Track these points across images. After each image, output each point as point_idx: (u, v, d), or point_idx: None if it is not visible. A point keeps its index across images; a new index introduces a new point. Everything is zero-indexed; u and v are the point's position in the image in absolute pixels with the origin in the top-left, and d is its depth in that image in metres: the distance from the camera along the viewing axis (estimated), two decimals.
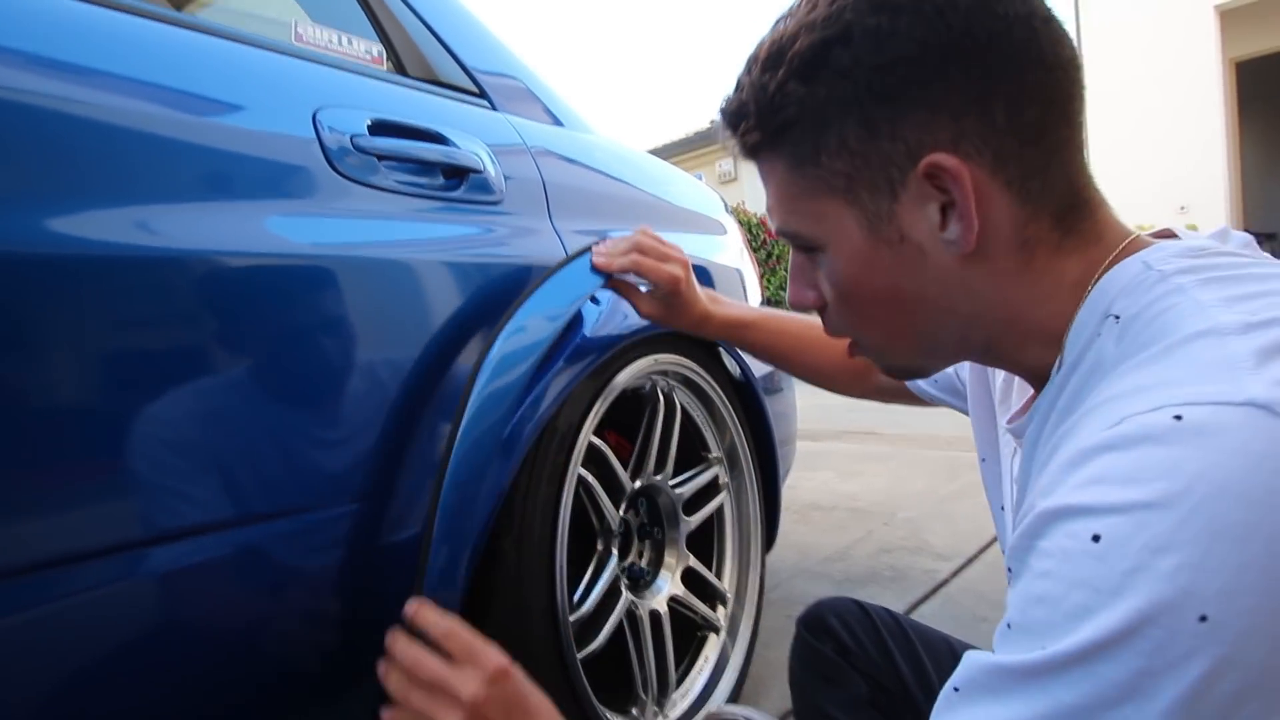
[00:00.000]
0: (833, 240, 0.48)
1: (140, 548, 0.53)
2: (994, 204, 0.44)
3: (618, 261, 0.86)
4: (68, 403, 0.50)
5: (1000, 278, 0.46)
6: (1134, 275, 0.42)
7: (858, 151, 0.45)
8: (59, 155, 0.52)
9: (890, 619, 0.88)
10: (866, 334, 0.53)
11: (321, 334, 0.65)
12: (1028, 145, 0.43)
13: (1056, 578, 0.34)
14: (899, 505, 2.44)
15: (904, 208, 0.45)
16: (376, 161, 0.75)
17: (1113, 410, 0.36)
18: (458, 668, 0.56)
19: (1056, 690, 0.33)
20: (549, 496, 0.84)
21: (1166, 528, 0.31)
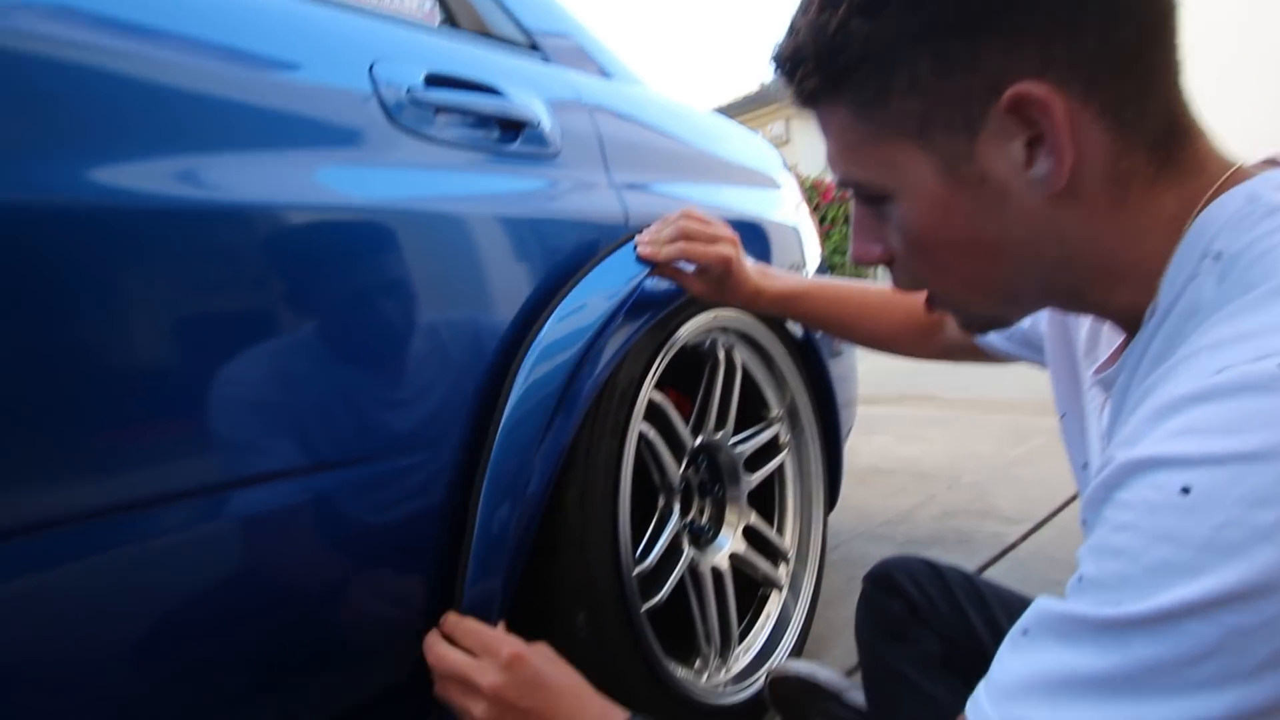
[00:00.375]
0: (904, 188, 0.45)
1: (216, 492, 0.54)
2: (1086, 135, 0.40)
3: (664, 251, 0.83)
4: (127, 352, 0.51)
5: (1091, 217, 0.42)
6: (1238, 209, 0.39)
7: (931, 89, 0.41)
8: (125, 110, 0.53)
9: (962, 578, 0.86)
10: (943, 285, 0.49)
11: (382, 285, 0.65)
12: (1123, 71, 0.40)
13: (1137, 530, 0.32)
14: (963, 469, 2.38)
15: (984, 146, 0.42)
16: (433, 114, 0.74)
17: (1211, 358, 0.34)
18: (477, 660, 0.61)
19: (1135, 645, 0.31)
20: (611, 452, 0.84)
21: (1267, 480, 0.29)
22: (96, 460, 0.49)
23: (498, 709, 0.60)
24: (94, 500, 0.49)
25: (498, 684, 0.60)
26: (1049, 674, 0.34)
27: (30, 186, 0.47)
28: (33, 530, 0.46)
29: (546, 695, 0.60)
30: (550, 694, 0.60)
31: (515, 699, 0.59)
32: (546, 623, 0.79)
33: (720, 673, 1.02)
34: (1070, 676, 0.33)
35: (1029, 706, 0.34)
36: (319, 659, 0.63)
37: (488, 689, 0.60)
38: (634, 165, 1.00)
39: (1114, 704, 0.31)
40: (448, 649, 0.64)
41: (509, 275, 0.77)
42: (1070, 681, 0.33)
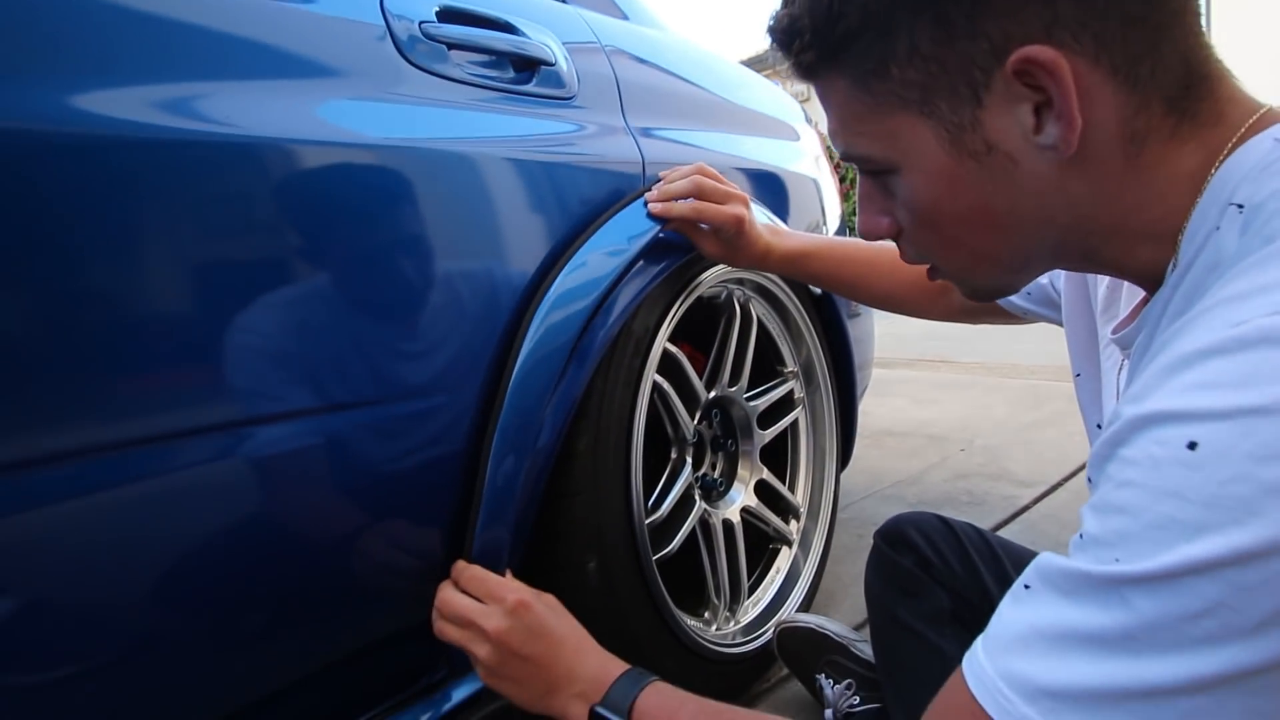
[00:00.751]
0: (908, 160, 0.44)
1: (231, 429, 0.54)
2: (1098, 97, 0.38)
3: (677, 208, 0.82)
4: (132, 287, 0.51)
5: (1105, 179, 0.41)
6: (1263, 156, 0.37)
7: (932, 56, 0.40)
8: (129, 38, 0.52)
9: (975, 534, 0.86)
10: (950, 257, 0.48)
11: (388, 225, 0.64)
12: (1134, 25, 0.38)
13: (1141, 487, 0.31)
14: (977, 432, 2.36)
15: (990, 114, 0.40)
16: (446, 50, 0.72)
17: (1227, 312, 0.33)
18: (483, 606, 0.63)
19: (1136, 602, 0.31)
20: (624, 401, 0.83)
21: (1277, 434, 0.28)
22: (115, 395, 0.49)
23: (499, 654, 0.61)
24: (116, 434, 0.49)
25: (501, 628, 0.61)
26: (1047, 628, 0.33)
27: (24, 114, 0.45)
28: (58, 460, 0.46)
29: (548, 644, 0.61)
30: (551, 643, 0.61)
31: (518, 645, 0.60)
32: (558, 570, 0.80)
33: (729, 624, 1.03)
34: (1069, 631, 0.33)
35: (1025, 659, 0.34)
36: (330, 596, 0.64)
37: (492, 633, 0.61)
38: (651, 110, 0.97)
39: (1112, 660, 0.31)
40: (454, 593, 0.65)
41: (521, 218, 0.75)
42: (1069, 636, 0.33)
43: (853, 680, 0.92)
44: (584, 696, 0.59)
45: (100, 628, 0.50)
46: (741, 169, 1.11)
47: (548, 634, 0.61)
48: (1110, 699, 0.31)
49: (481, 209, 0.71)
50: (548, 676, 0.60)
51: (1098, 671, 0.31)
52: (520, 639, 0.60)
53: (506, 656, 0.61)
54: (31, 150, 0.45)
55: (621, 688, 0.58)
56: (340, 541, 0.63)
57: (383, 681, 0.71)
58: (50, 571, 0.47)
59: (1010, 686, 0.34)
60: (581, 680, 0.60)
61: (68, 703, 0.49)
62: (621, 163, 0.88)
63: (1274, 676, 0.29)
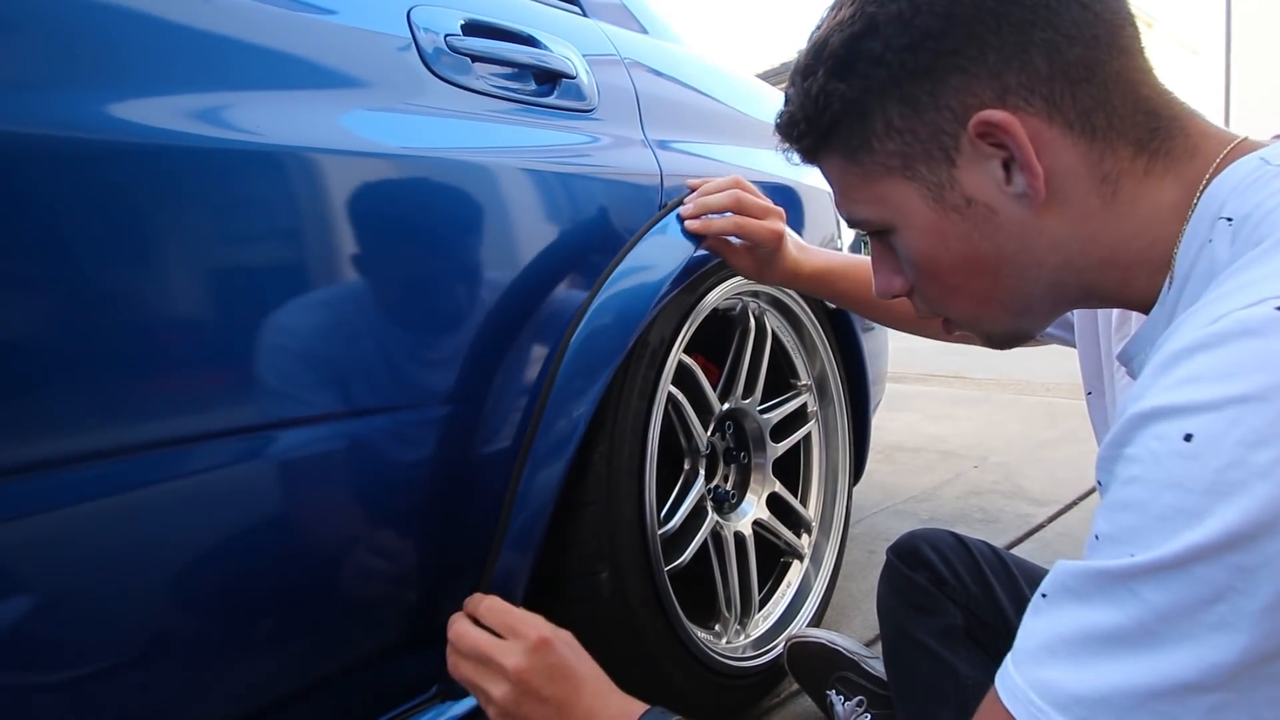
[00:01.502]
0: (900, 219, 0.49)
1: (252, 433, 0.55)
2: (1057, 148, 0.43)
3: (717, 224, 0.81)
4: (157, 292, 0.51)
5: (1085, 219, 0.45)
6: (1248, 173, 0.40)
7: (906, 129, 0.46)
8: (161, 49, 0.53)
9: (990, 552, 0.85)
10: (956, 307, 0.52)
11: (409, 235, 0.65)
12: (1080, 84, 0.43)
13: (1145, 482, 0.33)
14: (991, 449, 2.34)
15: (964, 171, 0.45)
16: (470, 62, 0.73)
17: (1212, 309, 0.34)
18: (503, 641, 0.59)
19: (1146, 593, 0.32)
20: (639, 412, 0.83)
21: (1264, 421, 0.30)
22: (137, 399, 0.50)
23: (518, 694, 0.57)
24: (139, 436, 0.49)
25: (522, 667, 0.57)
26: (1068, 634, 0.34)
27: (61, 123, 0.47)
28: (85, 461, 0.47)
29: (569, 685, 0.58)
30: (573, 684, 0.58)
31: (538, 685, 0.57)
32: (570, 579, 0.80)
33: (740, 637, 1.03)
34: (1089, 634, 0.33)
35: (1052, 668, 0.34)
36: (337, 605, 0.64)
37: (512, 671, 0.57)
38: (669, 123, 0.98)
39: (1133, 657, 0.32)
40: (470, 626, 0.62)
41: (539, 228, 0.76)
42: (1089, 639, 0.33)
43: (864, 697, 0.91)
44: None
45: (108, 630, 0.50)
46: (758, 182, 1.12)
47: (570, 675, 0.58)
48: (1139, 699, 0.31)
49: (501, 219, 0.72)
50: (567, 717, 0.57)
51: (1123, 671, 0.32)
52: (542, 679, 0.57)
53: (524, 697, 0.57)
54: (69, 157, 0.46)
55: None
56: (351, 551, 0.63)
57: (375, 697, 0.70)
58: (69, 572, 0.48)
59: (1042, 697, 0.34)
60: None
61: (74, 702, 0.49)
62: (640, 175, 0.89)
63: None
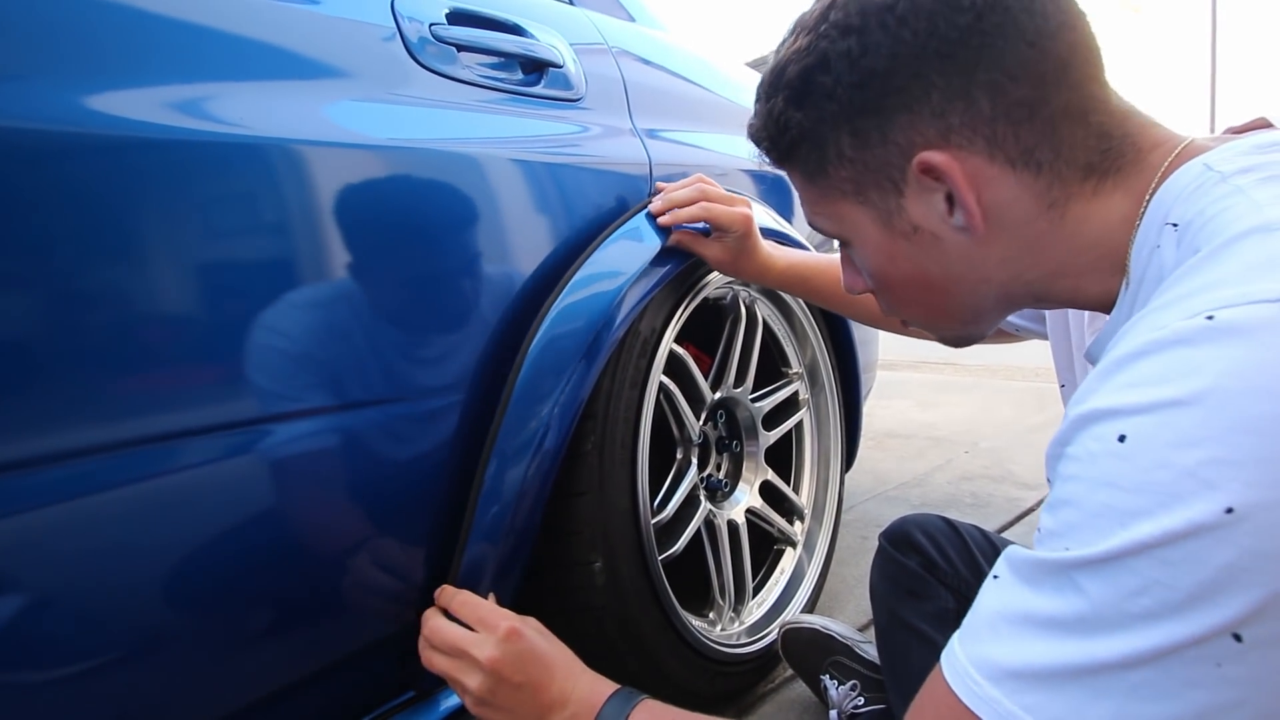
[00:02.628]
0: (854, 237, 0.52)
1: (228, 430, 0.54)
2: (1000, 184, 0.45)
3: (685, 212, 0.85)
4: (137, 287, 0.51)
5: (1032, 241, 0.46)
6: (1193, 179, 0.41)
7: (857, 159, 0.48)
8: (140, 38, 0.52)
9: (980, 535, 0.86)
10: (910, 313, 0.55)
11: (397, 226, 0.64)
12: (1022, 124, 0.44)
13: (1082, 480, 0.35)
14: (981, 434, 2.36)
15: (911, 202, 0.47)
16: (455, 52, 0.73)
17: (1154, 318, 0.36)
18: (474, 634, 0.62)
19: (1084, 582, 0.33)
20: (631, 402, 0.83)
21: (1191, 423, 0.31)
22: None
23: (492, 682, 0.60)
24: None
25: (495, 657, 0.60)
26: (1011, 614, 0.36)
27: (34, 116, 0.46)
28: (78, 456, 0.47)
29: (540, 669, 0.61)
30: (544, 667, 0.61)
31: (511, 673, 0.60)
32: (564, 568, 0.80)
33: (734, 624, 1.03)
34: (1029, 616, 0.35)
35: (991, 645, 0.36)
36: (320, 601, 0.63)
37: (486, 662, 0.60)
38: (658, 112, 0.98)
39: (1067, 641, 0.34)
40: (443, 621, 0.65)
41: (528, 219, 0.76)
42: (1029, 621, 0.35)
43: (857, 681, 0.92)
44: (575, 719, 0.59)
45: (95, 627, 0.50)
46: (746, 170, 1.12)
47: (540, 659, 0.61)
48: (1067, 676, 0.33)
49: (489, 210, 0.71)
50: (541, 701, 0.60)
51: (1055, 652, 0.34)
52: (514, 666, 0.60)
53: (499, 685, 0.60)
54: (44, 152, 0.46)
55: (613, 708, 0.59)
56: (337, 546, 0.63)
57: (362, 694, 0.70)
58: (59, 569, 0.48)
59: (979, 671, 0.36)
60: (573, 703, 0.60)
61: (58, 701, 0.49)
62: (628, 164, 0.88)
63: (1206, 649, 0.31)
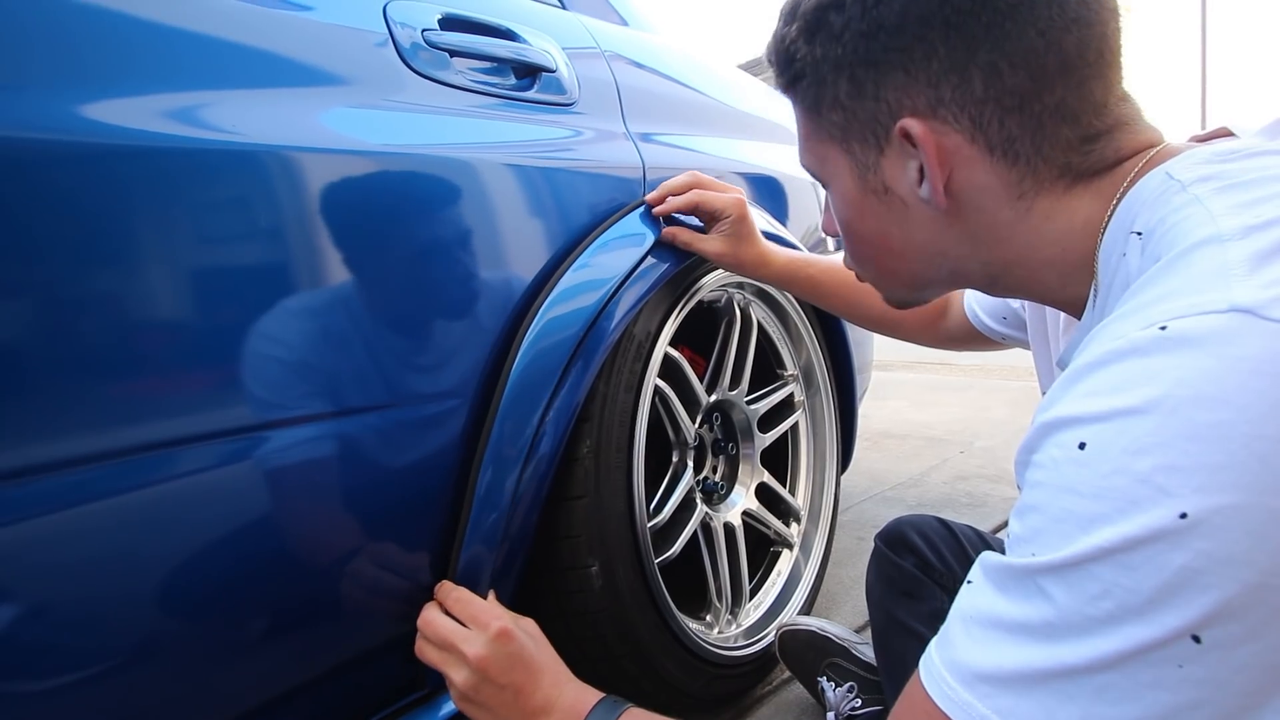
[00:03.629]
0: (832, 181, 0.53)
1: (222, 437, 0.54)
2: (974, 166, 0.45)
3: (678, 200, 0.86)
4: (132, 293, 0.51)
5: (994, 228, 0.47)
6: (1156, 187, 0.42)
7: (848, 107, 0.48)
8: (133, 46, 0.52)
9: (976, 536, 0.86)
10: (863, 268, 0.57)
11: (392, 232, 0.64)
12: (1011, 112, 0.43)
13: (1046, 486, 0.35)
14: (977, 434, 2.37)
15: (889, 162, 0.48)
16: (448, 57, 0.73)
17: (1115, 327, 0.36)
18: (466, 630, 0.63)
19: (1049, 587, 0.34)
20: (626, 405, 0.83)
21: (1144, 431, 0.32)
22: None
23: (477, 680, 0.61)
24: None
25: (482, 655, 0.61)
26: (983, 619, 0.37)
27: (31, 125, 0.46)
28: (76, 465, 0.47)
29: (527, 673, 0.61)
30: (530, 672, 0.61)
31: (497, 673, 0.60)
32: (561, 572, 0.80)
33: (731, 627, 1.03)
34: (999, 621, 0.36)
35: (965, 649, 0.37)
36: (324, 604, 0.63)
37: (472, 658, 0.61)
38: (651, 115, 0.98)
39: (1036, 645, 0.34)
40: (438, 614, 0.65)
41: (523, 225, 0.76)
42: (1000, 625, 0.36)
43: (855, 683, 0.92)
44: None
45: (91, 634, 0.50)
46: (741, 173, 1.12)
47: (528, 664, 0.62)
48: (1037, 680, 0.34)
49: (483, 215, 0.72)
50: (524, 706, 0.60)
51: (1025, 656, 0.35)
52: (500, 667, 0.61)
53: (484, 683, 0.61)
54: (39, 161, 0.46)
55: (597, 718, 0.59)
56: (335, 550, 0.63)
57: (364, 696, 0.70)
58: (59, 576, 0.47)
59: (953, 675, 0.37)
60: (558, 712, 0.60)
61: (59, 707, 0.49)
62: (622, 168, 0.88)
63: (1167, 651, 0.31)
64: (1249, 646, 0.30)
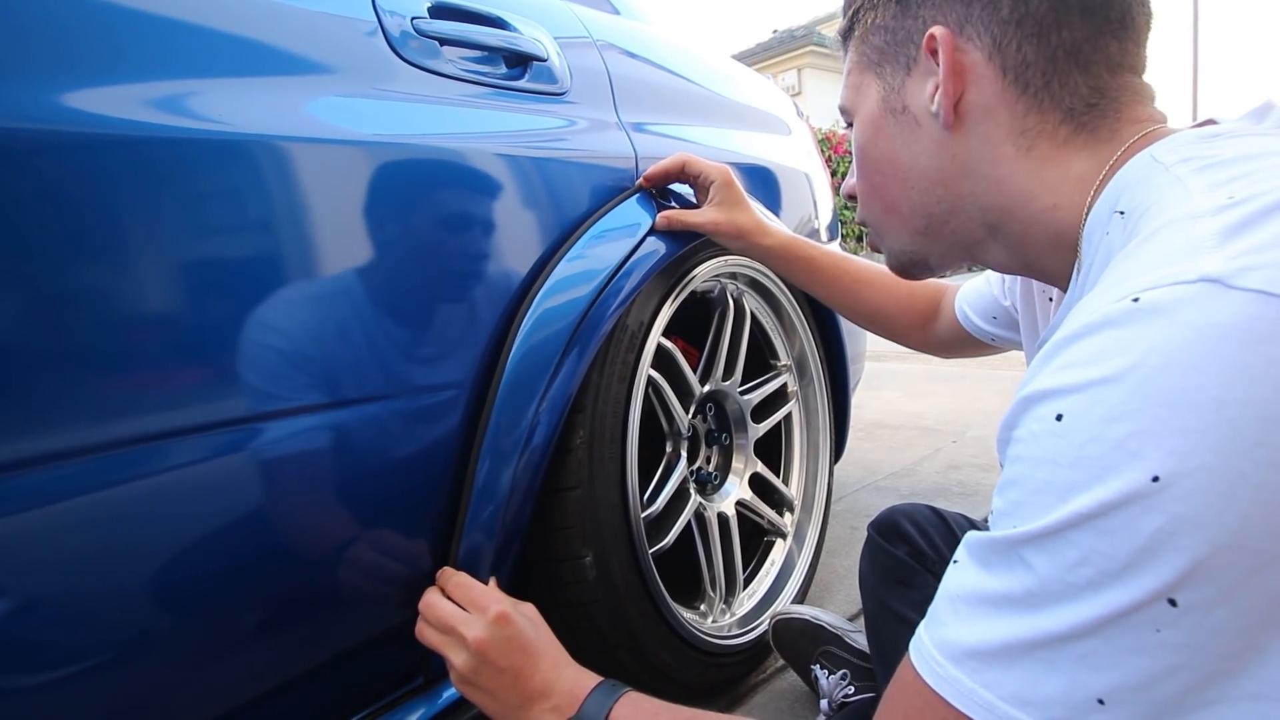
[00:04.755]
0: (858, 108, 0.55)
1: (217, 429, 0.54)
2: (985, 85, 0.47)
3: (663, 165, 0.87)
4: (117, 285, 0.50)
5: (996, 160, 0.48)
6: (1141, 169, 0.43)
7: (890, 27, 0.51)
8: (117, 34, 0.51)
9: (968, 524, 0.86)
10: (869, 208, 0.57)
11: (382, 224, 0.64)
12: (1029, 39, 0.46)
13: (1025, 460, 0.36)
14: (969, 424, 2.38)
15: (912, 80, 0.51)
16: (438, 46, 0.72)
17: (1091, 302, 0.37)
18: (466, 614, 0.64)
19: (1030, 558, 0.35)
20: (619, 396, 0.83)
21: (1118, 398, 0.32)
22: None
23: (476, 663, 0.61)
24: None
25: (481, 638, 0.61)
26: (968, 596, 0.38)
27: (13, 114, 0.45)
28: (62, 458, 0.46)
29: (525, 656, 0.62)
30: (529, 656, 0.62)
31: (496, 656, 0.61)
32: (555, 562, 0.80)
33: (725, 616, 1.04)
34: (984, 596, 0.37)
35: (951, 627, 0.38)
36: (324, 595, 0.63)
37: (471, 641, 0.61)
38: (644, 105, 0.97)
39: (1019, 617, 0.35)
40: (439, 598, 0.66)
41: (514, 215, 0.75)
42: (984, 600, 0.37)
43: (847, 670, 0.93)
44: (558, 711, 0.60)
45: (93, 627, 0.50)
46: (734, 163, 1.12)
47: (526, 647, 0.62)
48: (1022, 651, 0.35)
49: (475, 205, 0.71)
50: (523, 689, 0.61)
51: (1009, 628, 0.35)
52: (499, 650, 0.61)
53: (483, 666, 0.61)
54: (22, 150, 0.45)
55: (596, 701, 0.59)
56: (332, 541, 0.63)
57: (366, 685, 0.70)
58: (51, 569, 0.47)
59: (941, 653, 0.38)
60: (556, 694, 0.61)
61: (55, 703, 0.49)
62: (614, 158, 0.88)
63: (1144, 615, 0.32)
64: (1222, 609, 0.31)
